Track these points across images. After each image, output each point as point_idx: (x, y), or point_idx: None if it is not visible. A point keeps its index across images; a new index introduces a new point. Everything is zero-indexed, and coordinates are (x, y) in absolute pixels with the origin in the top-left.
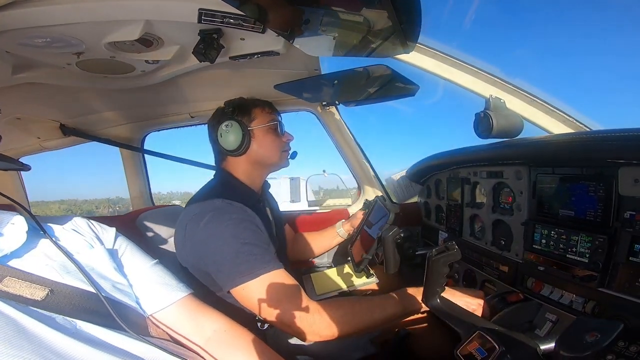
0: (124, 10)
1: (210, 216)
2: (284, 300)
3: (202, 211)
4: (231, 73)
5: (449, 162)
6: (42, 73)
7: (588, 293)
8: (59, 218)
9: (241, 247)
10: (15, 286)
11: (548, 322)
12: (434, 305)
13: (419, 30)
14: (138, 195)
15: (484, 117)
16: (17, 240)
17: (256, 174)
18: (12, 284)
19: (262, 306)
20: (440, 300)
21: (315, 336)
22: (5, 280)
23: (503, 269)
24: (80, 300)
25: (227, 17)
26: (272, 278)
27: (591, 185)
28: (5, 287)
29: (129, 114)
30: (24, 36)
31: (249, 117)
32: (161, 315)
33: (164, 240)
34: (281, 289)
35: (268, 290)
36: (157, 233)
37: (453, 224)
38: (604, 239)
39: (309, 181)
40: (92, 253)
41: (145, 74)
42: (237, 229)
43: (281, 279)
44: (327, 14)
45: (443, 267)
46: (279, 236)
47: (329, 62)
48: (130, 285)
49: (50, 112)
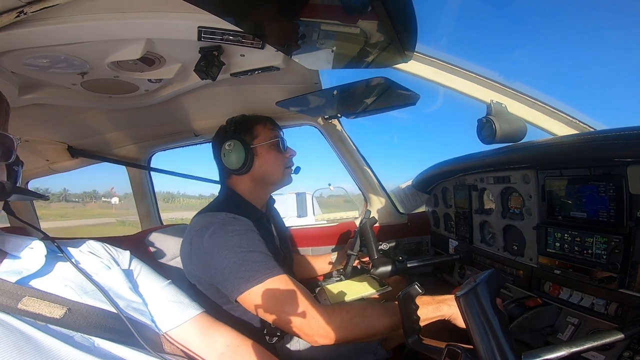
0: (126, 29)
1: (215, 228)
2: (292, 303)
3: (207, 224)
4: (233, 90)
5: (454, 169)
6: (48, 94)
7: (609, 295)
8: (74, 241)
9: (245, 255)
10: (34, 305)
11: (570, 325)
12: (413, 341)
13: (415, 39)
14: (146, 215)
15: (486, 122)
16: (37, 263)
17: (260, 191)
18: (31, 303)
19: (270, 311)
20: (419, 337)
21: (323, 339)
22: (24, 300)
23: (518, 274)
24: (98, 318)
25: (227, 33)
26: (278, 282)
27: (601, 186)
28: (24, 306)
29: (134, 134)
30: (29, 56)
31: (251, 135)
32: (175, 332)
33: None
34: (288, 293)
35: (275, 295)
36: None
37: (463, 232)
38: (619, 239)
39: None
40: (109, 274)
41: (149, 93)
42: (241, 238)
43: (287, 283)
44: (323, 28)
45: (411, 303)
46: (284, 250)
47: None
48: (145, 304)
49: (57, 134)
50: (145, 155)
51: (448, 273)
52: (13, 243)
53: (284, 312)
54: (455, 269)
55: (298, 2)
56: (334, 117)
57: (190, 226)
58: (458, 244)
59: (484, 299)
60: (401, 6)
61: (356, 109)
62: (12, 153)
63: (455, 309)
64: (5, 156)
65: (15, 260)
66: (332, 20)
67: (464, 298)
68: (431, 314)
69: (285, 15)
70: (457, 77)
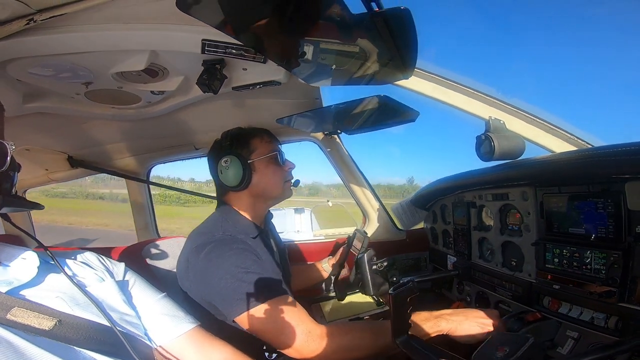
0: (131, 41)
1: (211, 247)
2: (290, 325)
3: (204, 243)
4: (234, 104)
5: (453, 186)
6: (52, 103)
7: (609, 309)
8: (69, 252)
9: (243, 275)
10: (23, 316)
11: (570, 339)
12: (402, 341)
13: (416, 56)
14: (143, 227)
15: (485, 139)
16: (28, 274)
17: (259, 206)
18: (20, 313)
19: (267, 332)
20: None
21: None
22: (13, 310)
23: (517, 290)
24: (89, 331)
25: (229, 47)
26: (278, 303)
27: (599, 202)
28: (13, 317)
29: (134, 146)
30: (35, 64)
31: (248, 149)
32: (169, 346)
33: (169, 271)
34: (287, 314)
35: (274, 316)
36: (162, 264)
37: (461, 248)
38: (618, 254)
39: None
40: (102, 286)
41: (151, 104)
42: (238, 258)
43: (287, 304)
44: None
45: (404, 302)
46: (283, 265)
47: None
48: (138, 317)
49: (58, 144)
50: (145, 168)
51: (447, 289)
52: (7, 253)
53: (282, 334)
54: (454, 285)
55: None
56: (333, 132)
57: (187, 243)
58: (456, 260)
59: None
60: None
61: (356, 125)
62: (6, 160)
63: (453, 323)
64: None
65: (7, 269)
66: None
67: None
68: (430, 329)
69: (286, 32)
70: (456, 93)
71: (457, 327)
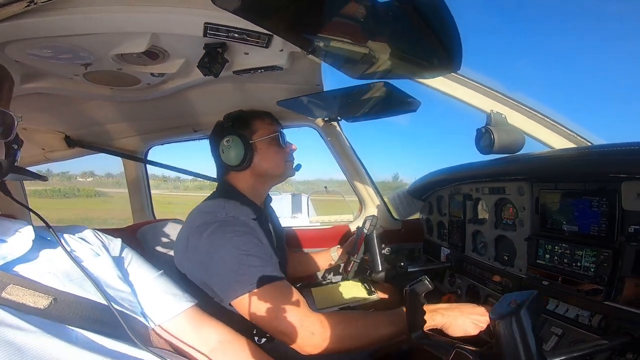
0: (132, 23)
1: (214, 228)
2: (285, 311)
3: (205, 223)
4: (234, 87)
5: (450, 178)
6: (50, 83)
7: (594, 306)
8: (67, 228)
9: (244, 258)
10: (18, 294)
11: (554, 336)
12: (417, 336)
13: (459, 44)
14: (139, 208)
15: (485, 132)
16: (22, 248)
17: (260, 187)
18: (15, 291)
19: (262, 317)
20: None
21: (314, 349)
22: (8, 288)
23: (507, 284)
24: (84, 309)
25: (232, 31)
26: (274, 289)
27: (594, 201)
28: (9, 295)
29: (133, 127)
30: (34, 46)
31: (249, 130)
32: (168, 325)
33: (165, 253)
34: (283, 300)
35: (269, 301)
36: (158, 246)
37: (455, 240)
38: (609, 253)
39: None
40: (97, 261)
41: (151, 86)
42: (239, 240)
43: (283, 290)
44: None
45: (418, 298)
46: (280, 249)
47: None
48: (135, 294)
49: (56, 124)
50: (142, 149)
51: (439, 280)
52: (4, 226)
53: (276, 319)
54: (446, 277)
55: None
56: (333, 119)
57: (188, 222)
58: (450, 252)
59: (527, 325)
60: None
61: (356, 113)
62: (12, 131)
63: (448, 318)
64: (4, 134)
65: (2, 244)
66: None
67: (504, 322)
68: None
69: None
70: (460, 85)
71: (451, 322)
